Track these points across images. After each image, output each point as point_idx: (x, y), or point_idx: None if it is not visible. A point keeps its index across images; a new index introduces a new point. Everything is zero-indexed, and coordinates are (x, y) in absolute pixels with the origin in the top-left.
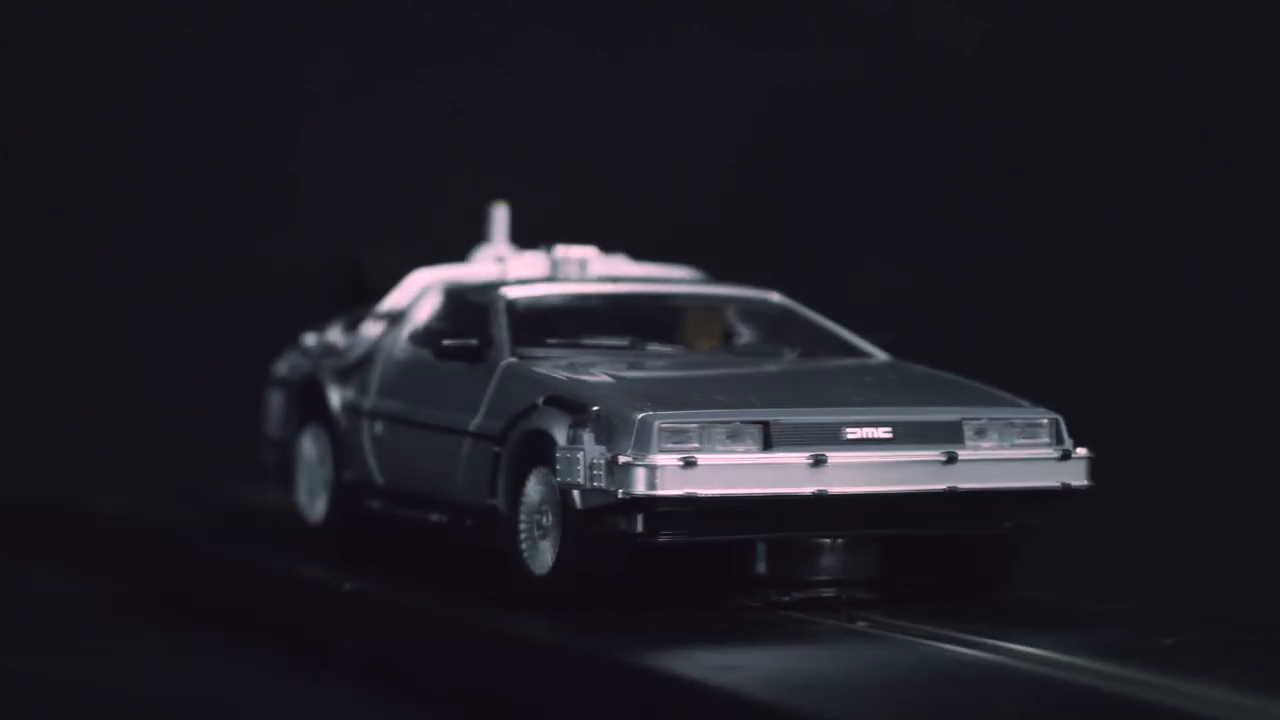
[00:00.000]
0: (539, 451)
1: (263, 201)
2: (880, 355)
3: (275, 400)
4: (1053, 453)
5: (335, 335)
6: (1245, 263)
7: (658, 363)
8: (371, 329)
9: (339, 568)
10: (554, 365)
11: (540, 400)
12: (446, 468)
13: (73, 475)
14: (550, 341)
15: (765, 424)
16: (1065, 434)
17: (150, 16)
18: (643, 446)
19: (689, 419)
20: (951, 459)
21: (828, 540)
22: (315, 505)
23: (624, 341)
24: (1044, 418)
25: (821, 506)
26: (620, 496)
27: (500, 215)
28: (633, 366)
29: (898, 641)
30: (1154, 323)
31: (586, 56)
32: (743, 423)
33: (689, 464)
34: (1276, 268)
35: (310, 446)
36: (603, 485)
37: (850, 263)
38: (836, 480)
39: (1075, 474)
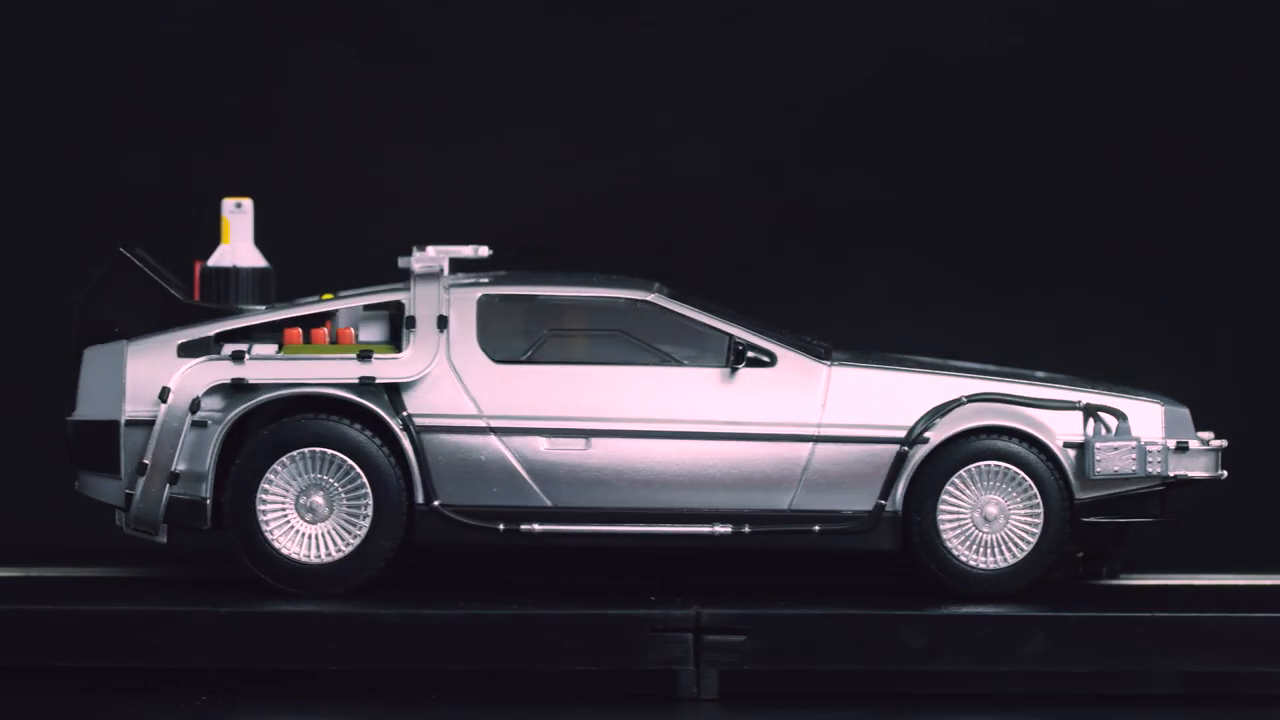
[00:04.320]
0: (989, 448)
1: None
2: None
3: (173, 429)
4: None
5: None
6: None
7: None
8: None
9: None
10: (879, 364)
11: (964, 398)
12: (763, 476)
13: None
14: None
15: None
16: None
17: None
18: (1179, 433)
19: (1182, 409)
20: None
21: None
22: (314, 543)
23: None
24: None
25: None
26: (1179, 479)
27: (244, 208)
28: (920, 364)
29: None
30: (1158, 325)
31: (586, 53)
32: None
33: (1219, 448)
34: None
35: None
36: (1160, 472)
37: (850, 262)
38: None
39: None
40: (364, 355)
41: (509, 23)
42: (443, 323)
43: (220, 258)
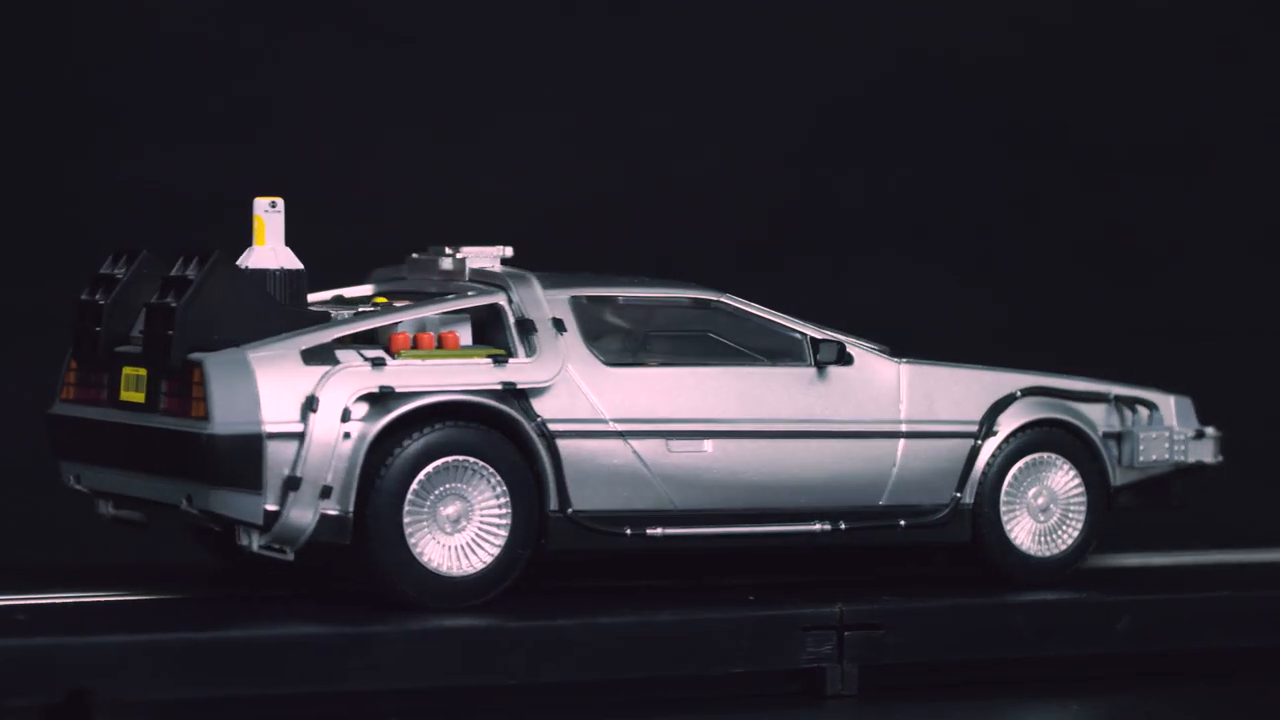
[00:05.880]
0: (1044, 439)
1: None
2: None
3: (325, 440)
4: None
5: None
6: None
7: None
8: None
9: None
10: (936, 360)
11: (1018, 392)
12: (864, 474)
13: None
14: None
15: None
16: None
17: None
18: (1189, 423)
19: (1186, 400)
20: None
21: None
22: (457, 555)
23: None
24: None
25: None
26: (1197, 464)
27: (278, 208)
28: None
29: None
30: (1161, 324)
31: (588, 48)
32: None
33: (1219, 435)
34: None
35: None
36: (1184, 459)
37: (851, 262)
38: None
39: None
40: (498, 360)
41: (508, 22)
42: (559, 325)
43: (261, 259)
